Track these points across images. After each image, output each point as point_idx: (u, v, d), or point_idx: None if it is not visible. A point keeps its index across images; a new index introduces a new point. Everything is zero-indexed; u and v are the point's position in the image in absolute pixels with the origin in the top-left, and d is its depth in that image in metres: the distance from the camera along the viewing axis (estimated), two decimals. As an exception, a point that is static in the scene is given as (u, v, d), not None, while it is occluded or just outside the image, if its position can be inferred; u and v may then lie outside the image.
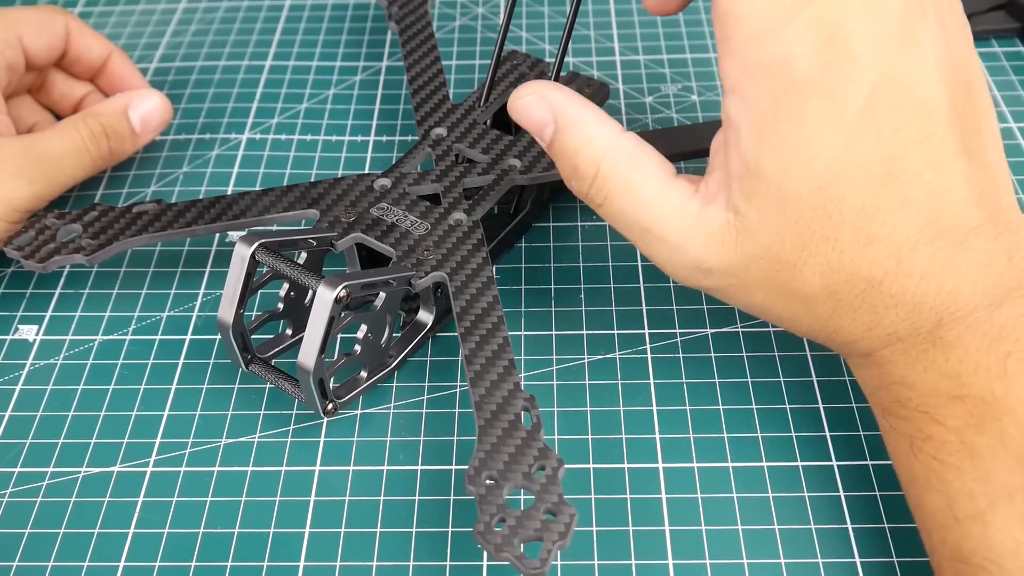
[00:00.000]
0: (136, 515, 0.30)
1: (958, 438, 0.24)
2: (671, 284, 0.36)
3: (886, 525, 0.29)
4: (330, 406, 0.31)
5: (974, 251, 0.25)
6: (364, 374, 0.32)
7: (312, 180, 0.36)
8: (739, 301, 0.28)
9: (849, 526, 0.29)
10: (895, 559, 0.28)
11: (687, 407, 0.32)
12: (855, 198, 0.24)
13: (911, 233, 0.24)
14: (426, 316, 0.34)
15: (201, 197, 0.36)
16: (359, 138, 0.43)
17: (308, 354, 0.29)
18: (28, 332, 0.36)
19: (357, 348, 0.31)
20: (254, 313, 0.35)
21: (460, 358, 0.34)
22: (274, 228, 0.38)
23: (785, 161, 0.24)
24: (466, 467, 0.27)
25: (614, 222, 0.28)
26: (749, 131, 0.24)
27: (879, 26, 0.23)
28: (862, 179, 0.24)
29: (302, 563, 0.29)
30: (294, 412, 0.33)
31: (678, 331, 0.35)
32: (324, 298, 0.28)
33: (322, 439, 0.32)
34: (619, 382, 0.33)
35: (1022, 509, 0.23)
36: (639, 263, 0.37)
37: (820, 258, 0.25)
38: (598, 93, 0.39)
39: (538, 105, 0.28)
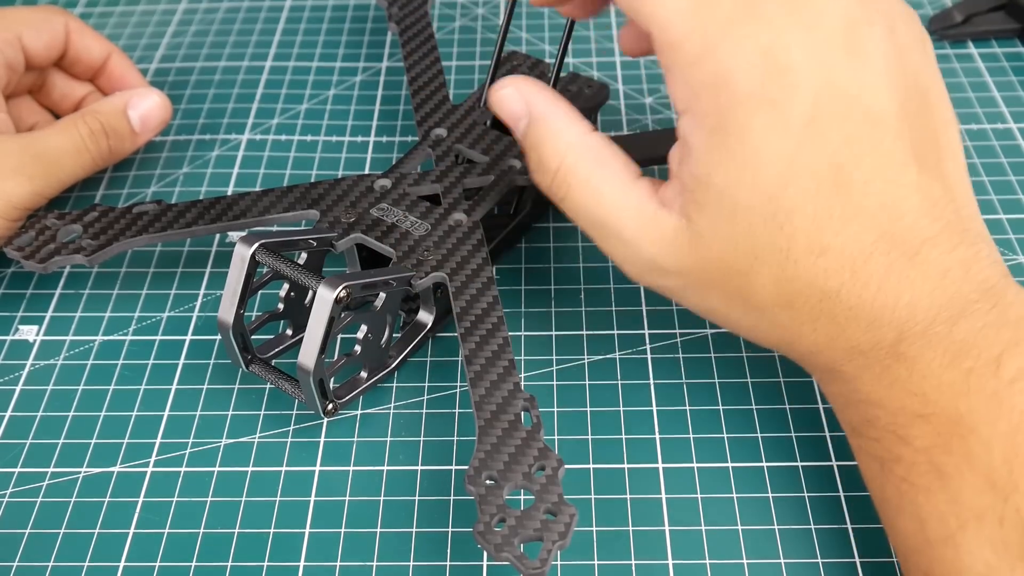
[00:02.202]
0: (136, 515, 0.30)
1: (926, 459, 0.24)
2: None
3: (886, 525, 0.29)
4: (330, 406, 0.31)
5: (929, 263, 0.24)
6: (364, 374, 0.32)
7: (312, 181, 0.36)
8: (696, 304, 0.28)
9: (849, 526, 0.29)
10: (895, 559, 0.28)
11: (687, 407, 0.32)
12: (806, 208, 0.24)
13: (865, 244, 0.24)
14: (426, 316, 0.34)
15: (201, 198, 0.36)
16: (359, 139, 0.43)
17: (308, 354, 0.29)
18: (28, 332, 0.36)
19: (357, 348, 0.31)
20: (254, 313, 0.35)
21: (460, 358, 0.34)
22: (274, 228, 0.38)
23: (735, 173, 0.24)
24: (466, 467, 0.27)
25: (574, 217, 0.28)
26: (700, 147, 0.25)
27: (819, 37, 0.24)
28: (812, 189, 0.24)
29: (302, 563, 0.29)
30: (294, 412, 0.33)
31: (678, 331, 0.35)
32: (324, 298, 0.28)
33: (322, 439, 0.32)
34: (619, 382, 0.33)
35: (992, 531, 0.23)
36: (639, 263, 0.37)
37: (773, 267, 0.25)
38: (598, 94, 0.39)
39: (514, 98, 0.29)
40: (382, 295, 0.30)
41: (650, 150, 0.36)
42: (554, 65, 0.35)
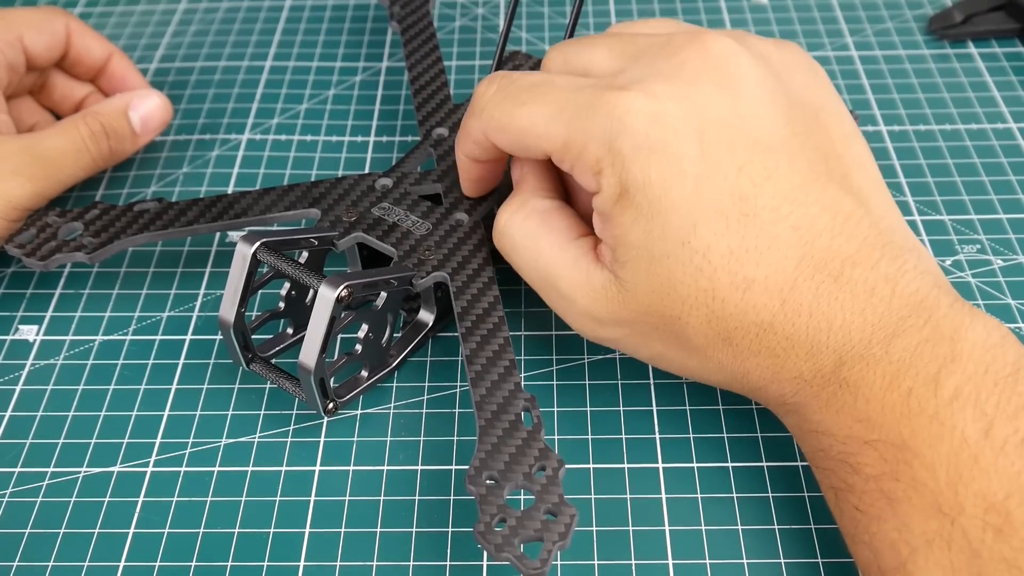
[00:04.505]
0: (136, 515, 0.30)
1: (876, 486, 0.24)
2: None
3: (886, 525, 0.29)
4: (331, 405, 0.31)
5: (854, 282, 0.25)
6: (365, 373, 0.32)
7: (312, 180, 0.36)
8: (640, 352, 0.29)
9: (849, 526, 0.29)
10: (895, 559, 0.28)
11: (687, 407, 0.32)
12: (720, 244, 0.25)
13: (787, 271, 0.25)
14: (427, 316, 0.34)
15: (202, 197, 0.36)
16: (359, 138, 0.43)
17: (309, 353, 0.29)
18: (28, 332, 0.35)
19: (358, 347, 0.31)
20: (255, 312, 0.35)
21: (460, 358, 0.34)
22: (275, 228, 0.38)
23: (645, 226, 0.25)
24: (466, 467, 0.27)
25: (520, 267, 0.30)
26: (613, 212, 0.26)
27: (684, 81, 0.26)
28: (721, 224, 0.25)
29: (302, 563, 0.29)
30: (294, 412, 0.33)
31: (678, 331, 0.35)
32: (325, 297, 0.28)
33: (322, 439, 0.32)
34: (619, 382, 0.33)
35: (941, 556, 0.22)
36: (639, 263, 0.37)
37: (702, 309, 0.26)
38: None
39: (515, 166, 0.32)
40: (383, 294, 0.30)
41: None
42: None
